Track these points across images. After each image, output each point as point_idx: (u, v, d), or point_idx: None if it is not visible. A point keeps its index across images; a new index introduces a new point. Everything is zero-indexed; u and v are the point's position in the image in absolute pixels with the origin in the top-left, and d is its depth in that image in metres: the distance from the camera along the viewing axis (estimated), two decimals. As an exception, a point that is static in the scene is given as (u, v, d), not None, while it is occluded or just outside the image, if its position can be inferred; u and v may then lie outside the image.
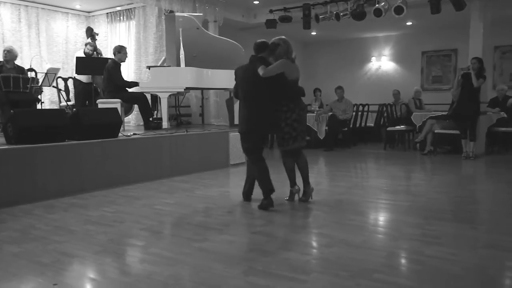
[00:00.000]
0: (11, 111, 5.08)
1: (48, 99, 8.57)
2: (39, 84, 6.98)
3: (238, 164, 7.20)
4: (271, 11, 9.48)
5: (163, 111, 7.08)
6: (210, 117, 9.39)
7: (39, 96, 6.73)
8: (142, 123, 7.62)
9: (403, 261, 2.96)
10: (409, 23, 10.59)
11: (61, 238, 3.38)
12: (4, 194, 4.39)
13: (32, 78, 6.32)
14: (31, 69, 6.94)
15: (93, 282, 2.63)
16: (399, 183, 5.87)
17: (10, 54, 6.37)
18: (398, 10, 7.92)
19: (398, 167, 7.11)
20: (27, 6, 8.65)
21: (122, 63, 7.29)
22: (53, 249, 3.13)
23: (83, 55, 7.98)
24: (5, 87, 6.01)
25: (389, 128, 9.49)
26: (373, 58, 12.56)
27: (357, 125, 10.28)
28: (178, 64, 7.30)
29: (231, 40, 7.95)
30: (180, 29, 7.33)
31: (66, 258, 2.95)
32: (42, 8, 8.89)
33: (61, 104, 8.12)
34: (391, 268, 2.75)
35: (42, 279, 2.62)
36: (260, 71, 4.16)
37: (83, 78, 7.94)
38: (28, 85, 6.18)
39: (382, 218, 4.11)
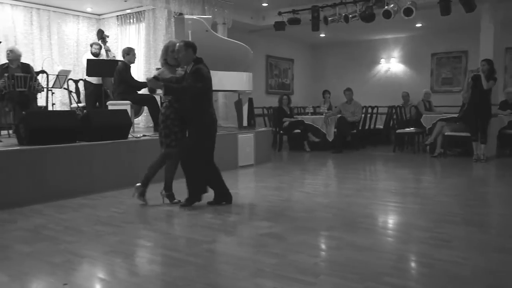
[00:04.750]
0: (23, 112, 5.14)
1: (59, 100, 8.63)
2: (51, 85, 7.04)
3: (246, 166, 7.21)
4: (279, 13, 9.48)
5: (173, 113, 7.09)
6: (219, 119, 9.35)
7: (38, 95, 6.71)
8: (151, 124, 7.65)
9: (412, 264, 2.94)
10: (418, 25, 10.53)
11: (71, 238, 3.41)
12: (15, 195, 4.44)
13: (31, 76, 6.30)
14: (42, 71, 7.00)
15: (103, 282, 2.65)
16: (408, 185, 5.85)
17: (13, 54, 6.38)
18: (408, 12, 7.88)
19: (407, 170, 7.08)
20: (38, 9, 8.74)
21: (131, 65, 7.34)
22: (64, 249, 3.16)
23: (91, 56, 8.05)
24: (17, 87, 6.04)
25: (398, 130, 9.45)
26: (382, 60, 12.51)
27: (366, 127, 10.24)
28: (188, 66, 7.31)
29: (239, 42, 7.96)
30: (190, 32, 7.34)
31: (76, 258, 2.98)
32: (54, 11, 8.97)
33: (72, 106, 8.18)
34: (400, 271, 2.74)
35: (53, 279, 2.65)
36: None
37: (93, 80, 8.00)
38: (30, 83, 6.16)
39: (391, 221, 4.10)
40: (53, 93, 7.36)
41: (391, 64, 12.37)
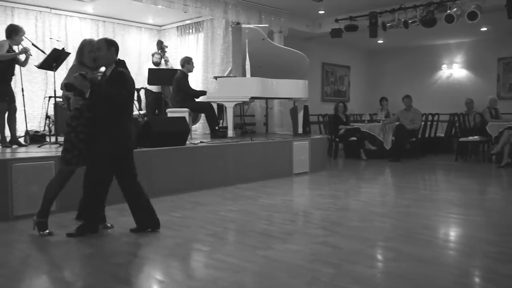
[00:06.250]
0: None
1: (122, 108, 9.04)
2: None
3: (301, 174, 7.17)
4: (336, 21, 9.41)
5: (229, 120, 7.23)
6: (274, 126, 9.45)
7: None
8: (208, 131, 7.84)
9: (476, 279, 2.80)
10: (483, 29, 10.05)
11: (131, 240, 3.54)
12: (80, 197, 4.67)
13: None
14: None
15: (161, 284, 2.72)
16: (472, 196, 5.57)
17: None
18: (472, 15, 7.55)
19: (471, 180, 6.75)
20: (104, 21, 9.27)
21: (190, 74, 7.57)
22: (125, 250, 3.30)
23: (153, 65, 8.38)
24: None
25: (461, 139, 9.05)
26: (444, 66, 12.05)
27: (426, 135, 9.90)
28: (244, 74, 7.43)
29: (295, 50, 7.98)
30: (246, 40, 7.47)
31: (137, 260, 3.09)
32: (118, 23, 9.47)
33: (133, 113, 8.54)
34: (463, 286, 2.62)
35: (115, 279, 2.76)
36: None
37: (153, 88, 8.32)
38: None
39: (453, 233, 3.92)
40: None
41: (454, 70, 11.89)
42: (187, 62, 7.42)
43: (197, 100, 7.53)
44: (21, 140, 5.92)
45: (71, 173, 3.72)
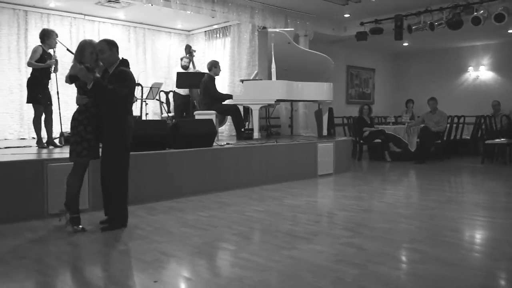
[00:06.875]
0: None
1: (152, 111, 9.24)
2: (145, 97, 7.60)
3: (325, 175, 7.20)
4: (361, 24, 9.40)
5: (255, 122, 7.34)
6: (299, 128, 9.50)
7: (133, 106, 7.23)
8: (234, 133, 7.96)
9: (503, 282, 2.80)
10: (511, 31, 9.88)
11: (161, 239, 3.65)
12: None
13: None
14: (138, 84, 7.59)
15: (189, 282, 2.81)
16: (499, 199, 5.50)
17: None
18: (499, 17, 7.44)
19: (497, 183, 6.65)
20: (135, 27, 9.51)
21: (216, 77, 7.71)
22: (154, 248, 3.39)
23: (181, 69, 8.56)
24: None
25: (487, 141, 8.91)
26: (470, 68, 11.86)
27: (452, 137, 9.78)
28: (270, 78, 7.52)
29: (320, 53, 8.02)
30: (272, 44, 7.55)
31: (165, 257, 3.19)
32: (148, 29, 9.70)
33: (162, 116, 8.75)
34: (488, 288, 2.63)
35: (144, 276, 2.86)
36: None
37: (181, 91, 8.50)
38: None
39: (479, 236, 3.90)
40: (147, 104, 7.93)
41: (480, 72, 11.70)
42: (214, 66, 7.57)
43: (223, 102, 7.67)
44: (56, 141, 6.13)
45: (85, 166, 3.91)
